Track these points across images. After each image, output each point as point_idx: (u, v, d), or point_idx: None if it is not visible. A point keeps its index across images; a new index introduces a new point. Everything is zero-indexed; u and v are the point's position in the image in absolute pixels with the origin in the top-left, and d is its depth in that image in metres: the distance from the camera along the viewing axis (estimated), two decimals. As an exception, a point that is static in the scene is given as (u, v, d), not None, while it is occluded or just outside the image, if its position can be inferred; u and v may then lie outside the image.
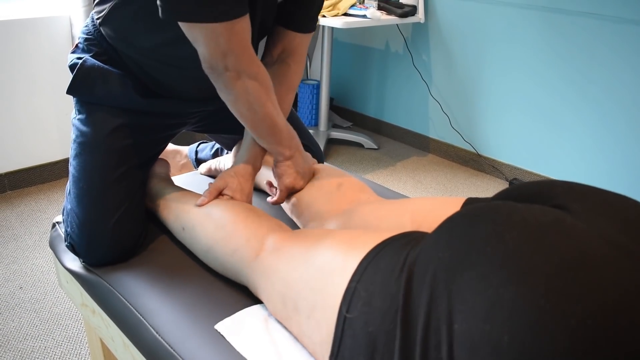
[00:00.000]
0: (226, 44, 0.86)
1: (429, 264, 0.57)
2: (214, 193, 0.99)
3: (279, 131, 1.00)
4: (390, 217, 0.88)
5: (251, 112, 0.96)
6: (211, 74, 0.92)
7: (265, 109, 0.96)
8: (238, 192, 1.01)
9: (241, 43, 0.89)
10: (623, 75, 2.14)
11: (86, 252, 1.00)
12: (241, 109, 0.96)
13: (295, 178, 1.05)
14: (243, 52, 0.90)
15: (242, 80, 0.92)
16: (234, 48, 0.88)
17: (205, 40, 0.86)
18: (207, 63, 0.90)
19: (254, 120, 0.98)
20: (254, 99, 0.94)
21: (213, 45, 0.87)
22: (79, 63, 1.02)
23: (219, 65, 0.89)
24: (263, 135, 1.01)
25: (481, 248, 0.54)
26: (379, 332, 0.58)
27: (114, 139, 1.02)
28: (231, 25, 0.85)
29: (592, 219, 0.56)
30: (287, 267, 0.76)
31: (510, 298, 0.49)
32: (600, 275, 0.48)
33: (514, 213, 0.57)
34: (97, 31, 1.04)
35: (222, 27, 0.84)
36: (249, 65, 0.92)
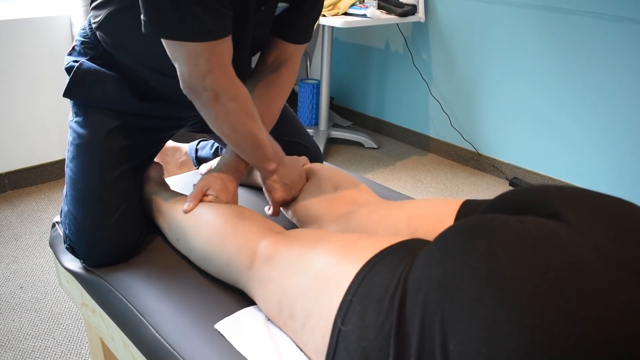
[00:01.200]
0: (206, 64, 0.86)
1: (422, 282, 0.57)
2: (198, 197, 0.98)
3: (260, 147, 0.99)
4: (387, 221, 0.87)
5: (232, 130, 0.96)
6: (190, 94, 0.91)
7: (247, 127, 0.96)
8: (222, 193, 1.00)
9: (221, 64, 0.89)
10: (623, 74, 2.14)
11: (86, 253, 1.00)
12: (222, 128, 0.96)
13: (284, 191, 1.04)
14: (222, 73, 0.90)
15: (220, 101, 0.91)
16: (213, 69, 0.87)
17: (185, 59, 0.86)
18: (185, 83, 0.90)
19: (236, 138, 0.98)
20: (234, 118, 0.94)
21: (192, 65, 0.86)
22: (75, 66, 1.03)
23: (197, 85, 0.89)
24: (246, 151, 1.00)
25: (475, 266, 0.53)
26: (372, 348, 0.58)
27: (111, 141, 1.02)
28: (213, 45, 0.85)
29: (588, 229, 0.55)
30: (281, 274, 0.75)
31: (505, 319, 0.48)
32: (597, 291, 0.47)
33: (507, 228, 0.56)
34: (93, 35, 1.04)
35: (203, 47, 0.84)
36: (228, 86, 0.91)
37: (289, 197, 1.06)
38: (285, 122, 1.25)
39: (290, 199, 1.06)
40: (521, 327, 0.47)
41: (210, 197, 0.99)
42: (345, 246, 0.72)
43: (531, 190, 0.67)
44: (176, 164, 1.47)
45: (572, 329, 0.45)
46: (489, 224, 0.58)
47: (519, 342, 0.46)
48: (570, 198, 0.62)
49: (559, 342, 0.45)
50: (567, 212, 0.59)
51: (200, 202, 0.98)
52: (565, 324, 0.46)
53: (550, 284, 0.48)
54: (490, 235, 0.56)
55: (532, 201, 0.65)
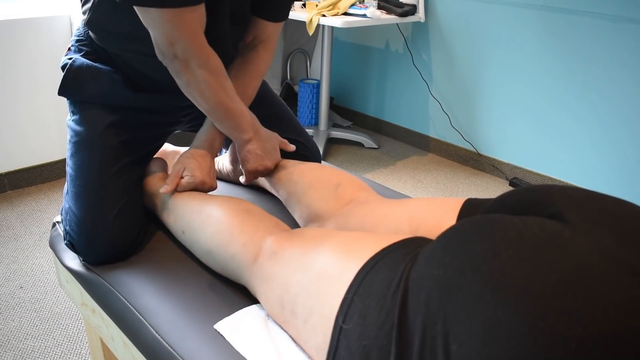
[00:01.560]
0: (174, 31, 0.89)
1: (424, 282, 0.56)
2: (176, 180, 1.02)
3: (233, 116, 1.02)
4: (388, 219, 0.87)
5: (203, 98, 0.99)
6: (163, 60, 0.95)
7: (217, 95, 0.99)
8: (197, 171, 1.03)
9: (190, 32, 0.91)
10: (623, 74, 2.14)
11: (86, 249, 1.00)
12: (193, 94, 0.99)
13: (257, 160, 1.08)
14: (191, 41, 0.92)
15: (190, 68, 0.94)
16: (182, 36, 0.90)
17: (155, 26, 0.89)
18: (158, 49, 0.93)
19: (207, 106, 1.01)
20: (204, 86, 0.97)
21: (162, 32, 0.90)
22: (68, 64, 1.05)
23: (168, 52, 0.92)
24: (218, 119, 1.04)
25: (477, 266, 0.53)
26: (373, 347, 0.58)
27: (108, 136, 1.03)
28: (179, 12, 0.88)
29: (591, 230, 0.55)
30: (284, 271, 0.75)
31: (508, 320, 0.48)
32: (600, 293, 0.47)
33: (510, 229, 0.56)
34: (86, 32, 1.07)
35: (170, 14, 0.87)
36: (198, 54, 0.94)
37: (261, 167, 1.09)
38: (283, 119, 1.26)
39: (263, 170, 1.10)
40: (524, 328, 0.47)
41: (186, 179, 1.02)
42: (347, 244, 0.72)
43: (534, 191, 0.67)
44: None
45: (575, 330, 0.45)
46: (492, 224, 0.58)
47: (522, 343, 0.46)
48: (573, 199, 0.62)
49: (561, 344, 0.45)
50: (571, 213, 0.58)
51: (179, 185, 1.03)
52: (568, 325, 0.46)
53: (553, 285, 0.48)
54: (493, 235, 0.56)
55: (535, 202, 0.65)
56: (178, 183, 1.02)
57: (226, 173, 1.30)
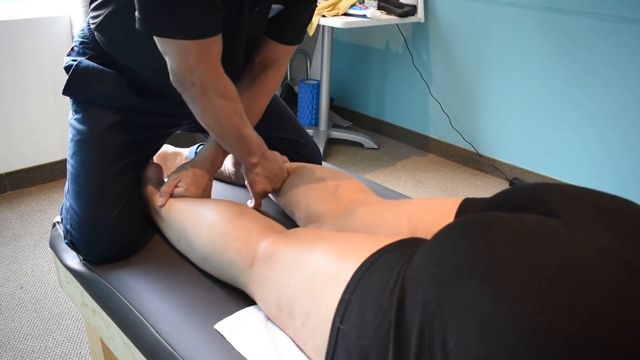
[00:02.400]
0: (195, 60, 0.89)
1: (421, 280, 0.56)
2: (169, 191, 1.02)
3: (245, 142, 1.02)
4: (387, 220, 0.87)
5: (217, 125, 0.98)
6: (179, 87, 0.94)
7: (232, 122, 0.98)
8: (193, 186, 1.03)
9: (209, 61, 0.91)
10: (624, 74, 2.14)
11: (86, 248, 1.00)
12: (208, 121, 0.98)
13: (264, 183, 1.08)
14: (210, 70, 0.92)
15: (208, 96, 0.94)
16: (202, 65, 0.90)
17: (175, 55, 0.89)
18: (175, 76, 0.92)
19: (221, 132, 1.00)
20: (220, 113, 0.97)
21: (182, 61, 0.89)
22: (74, 65, 1.04)
23: (186, 80, 0.92)
24: (230, 144, 1.03)
25: (474, 264, 0.53)
26: (371, 347, 0.58)
27: (110, 136, 1.04)
28: (202, 43, 0.87)
29: (587, 227, 0.55)
30: (281, 274, 0.75)
31: (505, 316, 0.48)
32: (597, 288, 0.47)
33: (507, 226, 0.56)
34: (92, 35, 1.06)
35: (193, 44, 0.87)
36: (216, 82, 0.94)
37: (270, 189, 1.09)
38: (283, 119, 1.26)
39: (270, 191, 1.10)
40: (521, 324, 0.47)
41: (180, 189, 1.03)
42: (343, 245, 0.72)
43: (530, 188, 0.67)
44: None
45: (572, 325, 0.45)
46: (489, 222, 0.58)
47: (519, 339, 0.46)
48: (570, 196, 0.62)
49: (559, 339, 0.45)
50: (567, 210, 0.59)
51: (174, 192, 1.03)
52: (565, 320, 0.46)
53: (550, 281, 0.48)
54: (489, 233, 0.56)
55: (531, 199, 0.65)
56: (171, 192, 1.03)
57: (228, 175, 1.30)
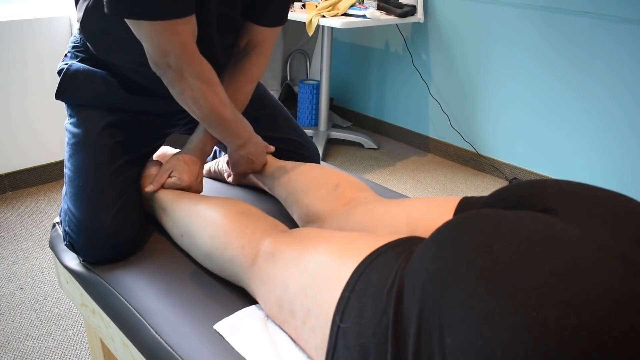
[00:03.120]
0: (167, 43, 0.90)
1: (419, 277, 0.57)
2: (161, 180, 1.05)
3: (227, 123, 1.04)
4: (387, 219, 0.88)
5: (197, 106, 0.99)
6: (156, 70, 0.95)
7: (210, 103, 0.99)
8: (185, 174, 1.06)
9: (182, 43, 0.92)
10: (624, 74, 2.14)
11: (85, 249, 1.00)
12: (187, 102, 1.00)
13: (247, 164, 1.11)
14: (184, 52, 0.93)
15: (184, 78, 0.95)
16: (175, 47, 0.91)
17: (148, 38, 0.90)
18: (151, 60, 0.94)
19: (201, 114, 1.02)
20: (198, 95, 0.98)
21: (155, 43, 0.91)
22: (65, 68, 1.06)
23: (162, 63, 0.93)
24: (212, 126, 1.05)
25: (470, 260, 0.53)
26: (370, 345, 0.58)
27: (105, 136, 1.04)
28: (171, 24, 0.88)
29: (584, 223, 0.55)
30: (282, 272, 0.76)
31: (501, 311, 0.48)
32: (593, 283, 0.47)
33: (503, 222, 0.56)
34: (82, 39, 1.08)
35: (162, 26, 0.88)
36: (191, 64, 0.95)
37: (250, 170, 1.13)
38: (279, 119, 1.26)
39: (250, 172, 1.15)
40: (517, 320, 0.47)
41: (173, 179, 1.05)
42: (344, 244, 0.72)
43: (527, 185, 0.67)
44: None
45: (569, 320, 0.45)
46: (485, 218, 0.58)
47: (516, 334, 0.46)
48: (566, 192, 0.62)
49: (555, 334, 0.45)
50: (564, 206, 0.59)
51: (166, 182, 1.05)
52: (562, 316, 0.46)
53: (546, 276, 0.48)
54: (486, 229, 0.56)
55: (528, 196, 0.65)
56: (164, 181, 1.05)
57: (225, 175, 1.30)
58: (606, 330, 0.45)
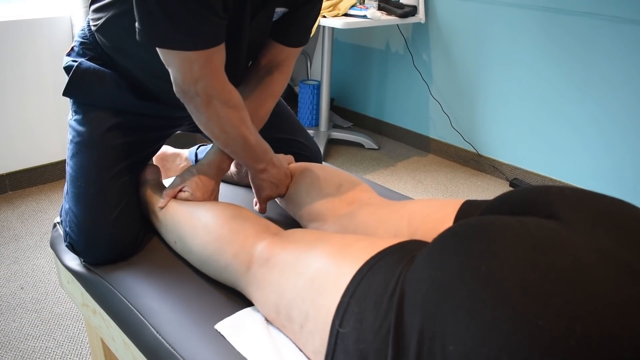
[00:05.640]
0: (199, 71, 0.88)
1: (421, 283, 0.56)
2: (172, 194, 1.02)
3: (251, 149, 1.01)
4: (388, 222, 0.87)
5: (223, 133, 0.97)
6: (183, 97, 0.93)
7: (238, 130, 0.97)
8: (198, 191, 1.02)
9: (214, 70, 0.90)
10: (623, 75, 2.14)
11: (86, 250, 1.00)
12: (214, 130, 0.97)
13: (271, 189, 1.07)
14: (215, 79, 0.91)
15: (213, 106, 0.93)
16: (207, 75, 0.89)
17: (179, 66, 0.88)
18: (178, 87, 0.91)
19: (226, 140, 0.99)
20: (225, 122, 0.96)
21: (186, 72, 0.88)
22: (74, 65, 1.04)
23: (190, 90, 0.90)
24: (236, 152, 1.02)
25: (475, 267, 0.53)
26: (370, 350, 0.58)
27: (110, 137, 1.03)
28: (206, 53, 0.86)
29: (588, 230, 0.55)
30: (278, 277, 0.75)
31: (506, 319, 0.48)
32: (598, 291, 0.47)
33: (508, 229, 0.56)
34: (92, 36, 1.05)
35: (197, 55, 0.86)
36: (221, 91, 0.93)
37: (275, 194, 1.09)
38: (285, 120, 1.26)
39: (276, 196, 1.10)
40: (523, 327, 0.47)
41: (185, 194, 1.01)
42: (342, 248, 0.71)
43: (531, 191, 0.67)
44: (177, 170, 1.48)
45: (574, 328, 0.45)
46: (490, 225, 0.58)
47: (521, 342, 0.46)
48: (570, 199, 0.62)
49: (560, 343, 0.45)
50: (568, 213, 0.59)
51: (177, 195, 1.02)
52: (567, 324, 0.46)
53: (551, 284, 0.48)
54: (490, 236, 0.56)
55: (532, 202, 0.65)
56: (173, 196, 1.02)
57: (230, 175, 1.30)
58: (611, 338, 0.45)
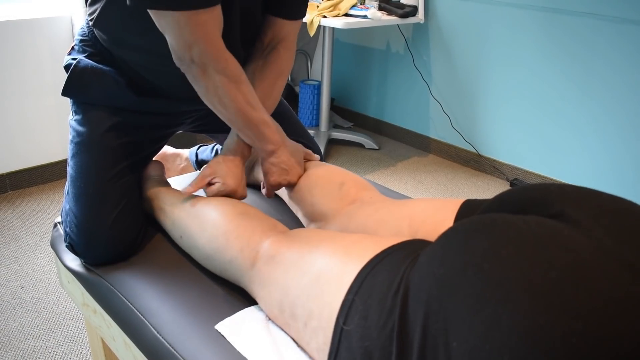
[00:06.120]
0: (190, 34, 0.87)
1: (425, 281, 0.57)
2: (200, 183, 0.99)
3: (255, 125, 0.98)
4: (390, 221, 0.87)
5: (222, 105, 0.96)
6: (180, 65, 0.92)
7: (236, 103, 0.95)
8: (229, 178, 1.00)
9: (207, 35, 0.89)
10: (624, 75, 2.14)
11: (85, 251, 1.00)
12: (212, 101, 0.96)
13: (280, 175, 1.04)
14: (208, 45, 0.89)
15: (208, 74, 0.92)
16: (199, 40, 0.88)
17: (171, 29, 0.87)
18: (175, 54, 0.91)
19: (227, 114, 0.98)
20: (222, 92, 0.94)
21: (178, 35, 0.87)
22: (73, 64, 1.04)
23: (185, 57, 0.90)
24: (239, 128, 1.00)
25: (478, 264, 0.53)
26: (374, 348, 0.58)
27: (110, 137, 1.03)
28: (195, 15, 0.85)
29: (590, 228, 0.55)
30: (283, 275, 0.75)
31: (508, 317, 0.48)
32: (600, 289, 0.48)
33: (510, 227, 0.56)
34: (91, 32, 1.05)
35: (185, 16, 0.85)
36: (216, 58, 0.91)
37: (285, 182, 1.05)
38: (287, 120, 1.26)
39: (285, 184, 1.06)
40: (524, 325, 0.47)
41: (217, 186, 0.99)
42: (347, 246, 0.72)
43: (531, 189, 0.67)
44: (177, 170, 1.48)
45: (575, 326, 0.46)
46: (492, 223, 0.58)
47: (522, 340, 0.47)
48: (571, 197, 0.62)
49: (561, 340, 0.45)
50: (569, 211, 0.59)
51: (207, 189, 0.99)
52: (568, 321, 0.46)
53: (553, 282, 0.49)
54: (493, 234, 0.56)
55: (532, 200, 0.65)
56: (202, 187, 1.00)
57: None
58: (612, 335, 0.45)
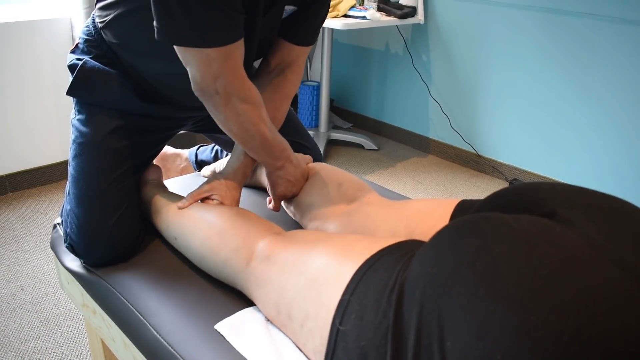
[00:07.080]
0: (218, 68, 0.87)
1: (419, 280, 0.57)
2: (197, 197, 1.00)
3: (269, 146, 1.00)
4: (387, 222, 0.88)
5: (242, 130, 0.96)
6: (201, 96, 0.92)
7: (257, 127, 0.96)
8: (228, 200, 1.01)
9: (233, 67, 0.89)
10: (623, 75, 2.14)
11: (85, 252, 1.00)
12: (232, 128, 0.96)
13: (286, 187, 1.06)
14: (234, 76, 0.90)
15: (232, 103, 0.92)
16: (226, 72, 0.88)
17: (198, 64, 0.86)
18: (197, 86, 0.90)
19: (245, 138, 0.98)
20: (244, 119, 0.95)
21: (205, 69, 0.87)
22: (79, 64, 1.03)
23: (209, 88, 0.89)
24: (254, 149, 1.01)
25: (470, 263, 0.53)
26: (370, 347, 0.58)
27: (113, 140, 1.03)
28: (226, 50, 0.85)
29: (581, 226, 0.56)
30: (279, 276, 0.76)
31: (500, 315, 0.48)
32: (591, 286, 0.48)
33: (502, 225, 0.56)
34: (97, 33, 1.04)
35: (216, 52, 0.84)
36: (240, 88, 0.92)
37: (290, 193, 1.08)
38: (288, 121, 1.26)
39: (290, 196, 1.09)
40: (516, 322, 0.47)
41: (214, 202, 1.00)
42: (342, 247, 0.72)
43: (523, 188, 0.68)
44: (177, 170, 1.48)
45: (567, 324, 0.46)
46: (484, 222, 0.58)
47: (515, 338, 0.47)
48: (563, 195, 0.62)
49: (553, 338, 0.46)
50: (561, 209, 0.59)
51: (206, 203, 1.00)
52: (560, 319, 0.46)
53: (544, 280, 0.49)
54: (485, 232, 0.56)
55: (525, 199, 0.65)
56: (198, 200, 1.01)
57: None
58: (603, 333, 0.45)
